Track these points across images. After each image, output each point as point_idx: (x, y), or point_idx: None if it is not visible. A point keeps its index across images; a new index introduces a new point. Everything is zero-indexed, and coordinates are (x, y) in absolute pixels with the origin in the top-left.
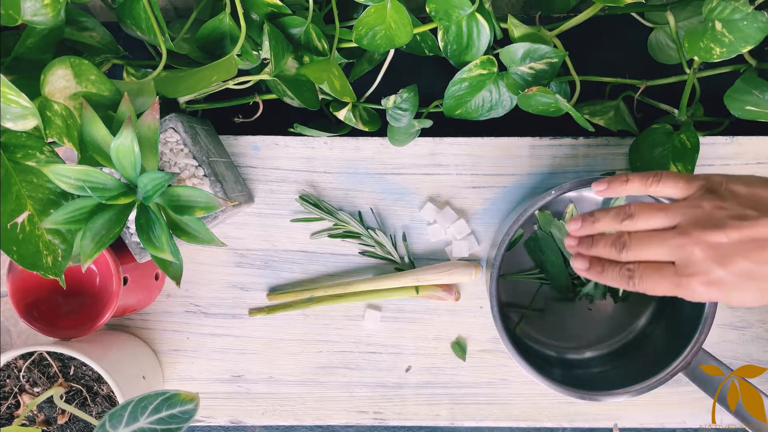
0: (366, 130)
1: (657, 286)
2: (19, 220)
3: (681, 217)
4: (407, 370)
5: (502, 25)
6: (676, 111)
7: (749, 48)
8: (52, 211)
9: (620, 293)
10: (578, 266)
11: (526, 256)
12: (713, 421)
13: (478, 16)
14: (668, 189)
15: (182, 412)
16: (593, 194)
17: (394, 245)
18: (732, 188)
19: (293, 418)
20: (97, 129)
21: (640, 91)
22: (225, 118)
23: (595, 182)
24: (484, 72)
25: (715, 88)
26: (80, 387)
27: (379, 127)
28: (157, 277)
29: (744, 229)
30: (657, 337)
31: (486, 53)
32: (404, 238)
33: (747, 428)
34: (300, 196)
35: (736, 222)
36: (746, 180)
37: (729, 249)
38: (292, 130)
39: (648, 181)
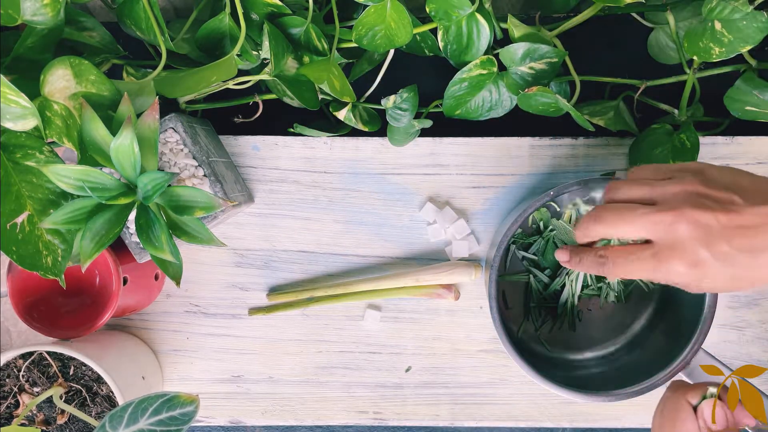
0: (366, 130)
1: (631, 270)
2: (19, 220)
3: (664, 193)
4: (407, 370)
5: (502, 25)
6: (676, 111)
7: (749, 48)
8: (51, 211)
9: (620, 294)
10: (560, 257)
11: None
12: (713, 421)
13: (478, 16)
14: (639, 191)
15: (182, 414)
16: (593, 194)
17: None
18: (714, 174)
19: (293, 418)
20: (97, 129)
21: (639, 91)
22: (225, 118)
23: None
24: (484, 72)
25: (715, 88)
26: (80, 387)
27: (379, 127)
28: (156, 277)
29: (731, 214)
30: (657, 337)
31: (486, 53)
32: None
33: (747, 428)
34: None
35: (724, 206)
36: (726, 168)
37: (716, 231)
38: (292, 130)
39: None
